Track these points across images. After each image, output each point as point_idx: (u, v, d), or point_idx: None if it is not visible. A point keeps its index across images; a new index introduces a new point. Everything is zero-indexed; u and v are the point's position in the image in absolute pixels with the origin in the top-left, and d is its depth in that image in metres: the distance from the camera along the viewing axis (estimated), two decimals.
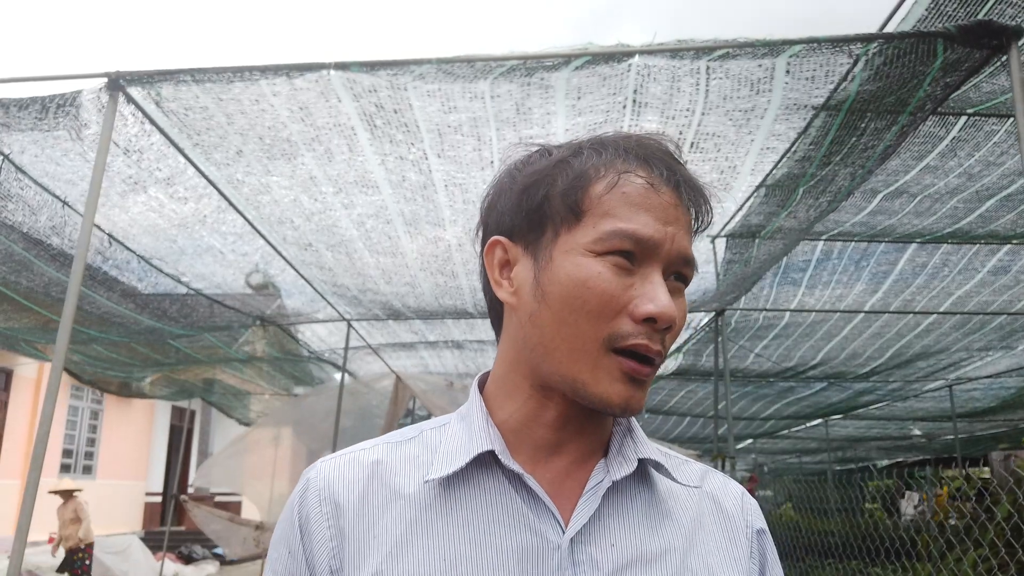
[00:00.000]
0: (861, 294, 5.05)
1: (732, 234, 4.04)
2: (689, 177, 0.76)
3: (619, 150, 0.76)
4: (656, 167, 0.74)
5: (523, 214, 0.77)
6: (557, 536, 0.71)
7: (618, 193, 0.73)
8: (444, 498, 0.73)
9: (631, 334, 0.70)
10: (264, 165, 3.17)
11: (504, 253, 0.79)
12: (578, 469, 0.76)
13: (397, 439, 0.81)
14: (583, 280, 0.71)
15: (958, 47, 2.31)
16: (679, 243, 0.73)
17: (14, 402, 12.77)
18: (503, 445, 0.75)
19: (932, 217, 3.97)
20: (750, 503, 0.85)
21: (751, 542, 0.81)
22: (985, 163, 3.37)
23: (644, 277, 0.72)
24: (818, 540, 7.87)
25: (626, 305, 0.71)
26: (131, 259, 4.23)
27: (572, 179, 0.75)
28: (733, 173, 3.19)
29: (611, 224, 0.72)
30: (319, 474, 0.77)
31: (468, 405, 0.81)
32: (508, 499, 0.73)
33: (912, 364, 6.67)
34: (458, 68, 2.58)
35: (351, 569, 0.71)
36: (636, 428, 0.80)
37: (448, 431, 0.80)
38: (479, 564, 0.70)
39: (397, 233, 3.88)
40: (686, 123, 2.80)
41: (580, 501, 0.74)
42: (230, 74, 2.62)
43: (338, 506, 0.74)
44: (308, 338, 6.92)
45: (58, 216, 3.55)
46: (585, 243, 0.72)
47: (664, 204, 0.73)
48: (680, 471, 0.82)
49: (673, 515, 0.77)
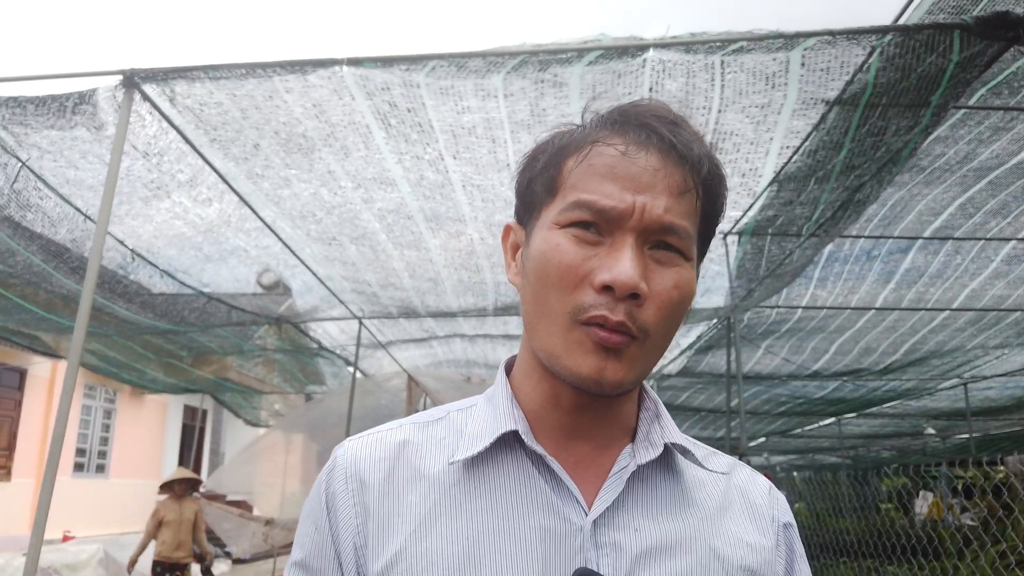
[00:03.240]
0: (873, 286, 5.01)
1: (744, 231, 4.03)
2: (682, 138, 0.72)
3: (602, 121, 0.75)
4: (633, 133, 0.72)
5: (520, 197, 0.80)
6: (580, 519, 0.71)
7: (585, 165, 0.72)
8: (468, 479, 0.74)
9: (592, 305, 0.68)
10: (282, 159, 3.18)
11: (514, 237, 0.81)
12: (603, 454, 0.76)
13: (424, 419, 0.81)
14: (544, 252, 0.72)
15: (975, 39, 2.29)
16: (652, 211, 0.69)
17: (28, 401, 12.86)
18: (527, 426, 0.75)
19: (943, 215, 3.94)
20: (777, 497, 0.84)
21: (777, 536, 0.80)
22: (999, 156, 3.35)
23: (610, 246, 0.70)
24: (832, 538, 7.83)
25: (587, 275, 0.69)
26: (153, 274, 4.25)
27: (551, 156, 0.75)
28: (755, 176, 3.17)
29: (573, 196, 0.71)
30: (347, 452, 0.78)
31: (495, 387, 0.82)
32: (531, 481, 0.73)
33: (926, 362, 6.63)
34: (471, 63, 2.58)
35: (375, 546, 0.72)
36: (664, 414, 0.80)
37: (474, 412, 0.80)
38: (501, 545, 0.70)
39: (419, 228, 3.89)
40: (703, 121, 2.79)
41: (604, 485, 0.73)
42: (243, 70, 2.63)
43: (364, 484, 0.75)
44: (320, 335, 6.95)
45: (79, 229, 3.56)
46: (552, 217, 0.73)
47: (636, 171, 0.70)
48: (709, 460, 0.82)
49: (698, 502, 0.77)
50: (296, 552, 0.78)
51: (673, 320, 0.72)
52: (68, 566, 8.72)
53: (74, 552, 8.74)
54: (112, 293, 4.25)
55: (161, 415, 16.67)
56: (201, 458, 17.56)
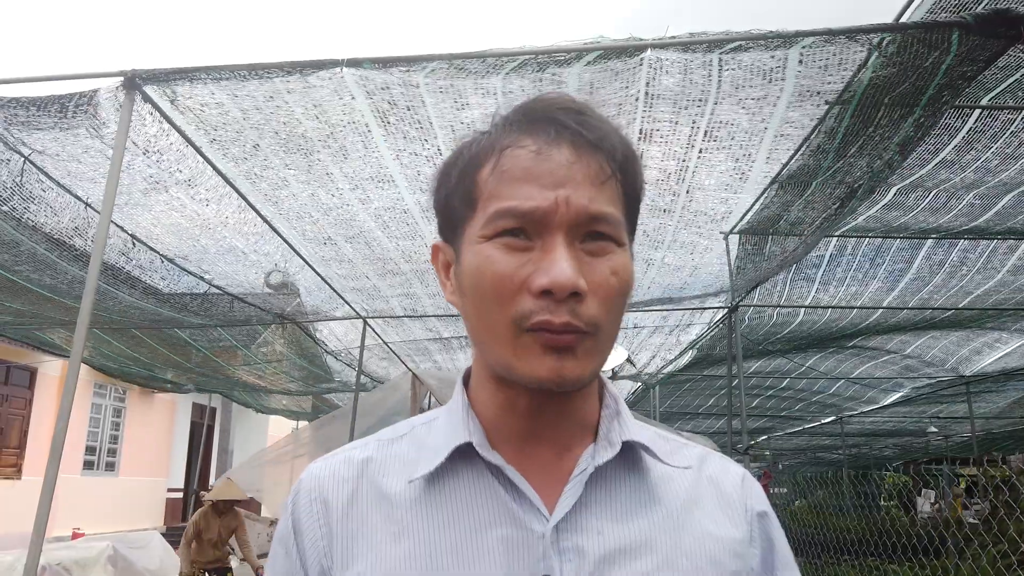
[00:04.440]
0: (877, 292, 4.99)
1: (746, 230, 4.02)
2: (589, 124, 0.70)
3: (506, 124, 0.73)
4: (542, 130, 0.70)
5: (441, 214, 0.78)
6: (542, 526, 0.70)
7: (499, 172, 0.70)
8: (428, 495, 0.73)
9: (533, 311, 0.67)
10: (282, 159, 3.20)
11: (443, 256, 0.79)
12: (564, 457, 0.75)
13: (389, 436, 0.81)
14: (477, 267, 0.70)
15: (974, 36, 2.28)
16: (576, 203, 0.68)
17: (38, 400, 12.96)
18: (482, 437, 0.74)
19: (948, 214, 3.92)
20: (751, 485, 0.82)
21: (751, 526, 0.78)
22: (1002, 156, 3.33)
23: (542, 249, 0.68)
24: (834, 537, 7.81)
25: (523, 282, 0.68)
26: (154, 259, 4.27)
27: (463, 169, 0.74)
28: (748, 161, 3.18)
29: (494, 205, 0.70)
30: (311, 475, 0.78)
31: (453, 399, 0.81)
32: (491, 491, 0.72)
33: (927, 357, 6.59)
34: (470, 64, 2.59)
35: (339, 568, 0.72)
36: (624, 411, 0.79)
37: (435, 426, 0.80)
38: (464, 560, 0.69)
39: (415, 220, 3.90)
40: (699, 112, 2.80)
41: (564, 489, 0.72)
42: (244, 72, 2.64)
43: (327, 505, 0.75)
44: (325, 336, 6.97)
45: (80, 218, 3.60)
46: (477, 231, 0.71)
47: (552, 167, 0.68)
48: (675, 455, 0.80)
49: (664, 499, 0.75)
50: None
51: (618, 308, 0.71)
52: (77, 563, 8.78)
53: (83, 549, 8.80)
54: (115, 279, 4.28)
55: (170, 413, 16.77)
56: (210, 456, 17.65)
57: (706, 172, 3.28)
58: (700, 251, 4.27)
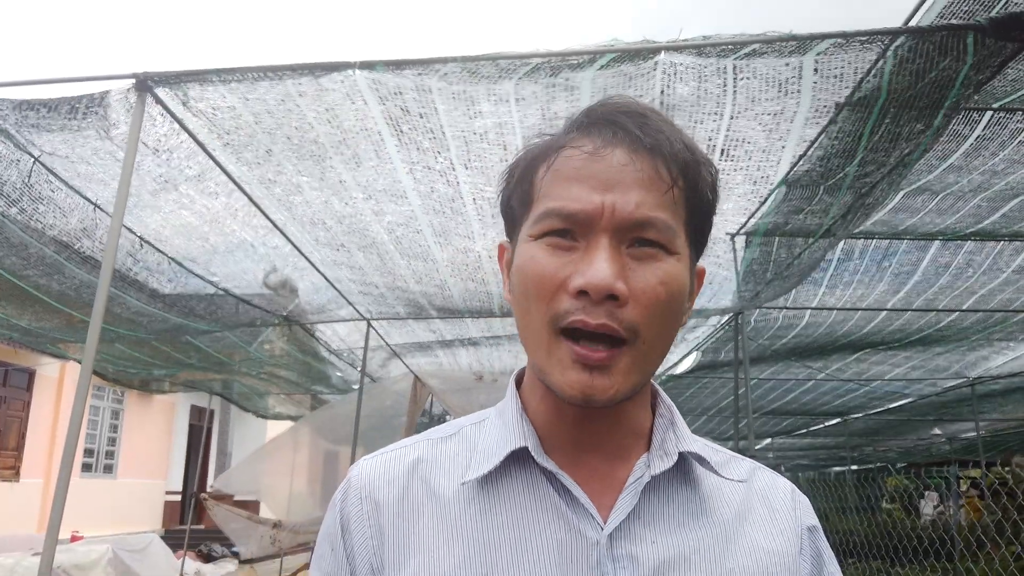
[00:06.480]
0: (883, 294, 5.00)
1: (752, 232, 4.01)
2: (648, 128, 0.70)
3: (570, 125, 0.74)
4: (600, 132, 0.70)
5: (504, 215, 0.80)
6: (596, 532, 0.70)
7: (552, 172, 0.71)
8: (482, 497, 0.73)
9: (569, 311, 0.67)
10: (294, 165, 3.18)
11: (508, 255, 0.80)
12: (616, 464, 0.75)
13: (437, 435, 0.81)
14: (522, 266, 0.71)
15: (988, 40, 2.28)
16: (623, 208, 0.67)
17: (36, 402, 12.91)
18: (536, 441, 0.74)
19: (955, 216, 3.92)
20: (801, 500, 0.83)
21: (801, 539, 0.78)
22: (1010, 161, 3.33)
23: (585, 251, 0.68)
24: (838, 540, 7.81)
25: (563, 282, 0.68)
26: (162, 261, 4.26)
27: (523, 170, 0.75)
28: (766, 184, 3.16)
29: (543, 206, 0.70)
30: (360, 472, 0.78)
31: (505, 400, 0.81)
32: (545, 496, 0.72)
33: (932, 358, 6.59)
34: (483, 67, 2.58)
35: (391, 568, 0.71)
36: (678, 421, 0.79)
37: (486, 427, 0.80)
38: (517, 563, 0.69)
39: (427, 242, 3.91)
40: (715, 128, 2.78)
41: (619, 497, 0.72)
42: (256, 74, 2.63)
43: (378, 505, 0.74)
44: (328, 337, 6.95)
45: (89, 219, 3.59)
46: (527, 230, 0.72)
47: (603, 169, 0.68)
48: (727, 466, 0.81)
49: (716, 511, 0.75)
50: (314, 573, 0.78)
51: (665, 318, 0.69)
52: (77, 566, 8.75)
53: (83, 552, 8.77)
54: (123, 282, 4.27)
55: (169, 415, 16.72)
56: (208, 458, 17.62)
57: (724, 195, 3.26)
58: (706, 255, 4.26)
